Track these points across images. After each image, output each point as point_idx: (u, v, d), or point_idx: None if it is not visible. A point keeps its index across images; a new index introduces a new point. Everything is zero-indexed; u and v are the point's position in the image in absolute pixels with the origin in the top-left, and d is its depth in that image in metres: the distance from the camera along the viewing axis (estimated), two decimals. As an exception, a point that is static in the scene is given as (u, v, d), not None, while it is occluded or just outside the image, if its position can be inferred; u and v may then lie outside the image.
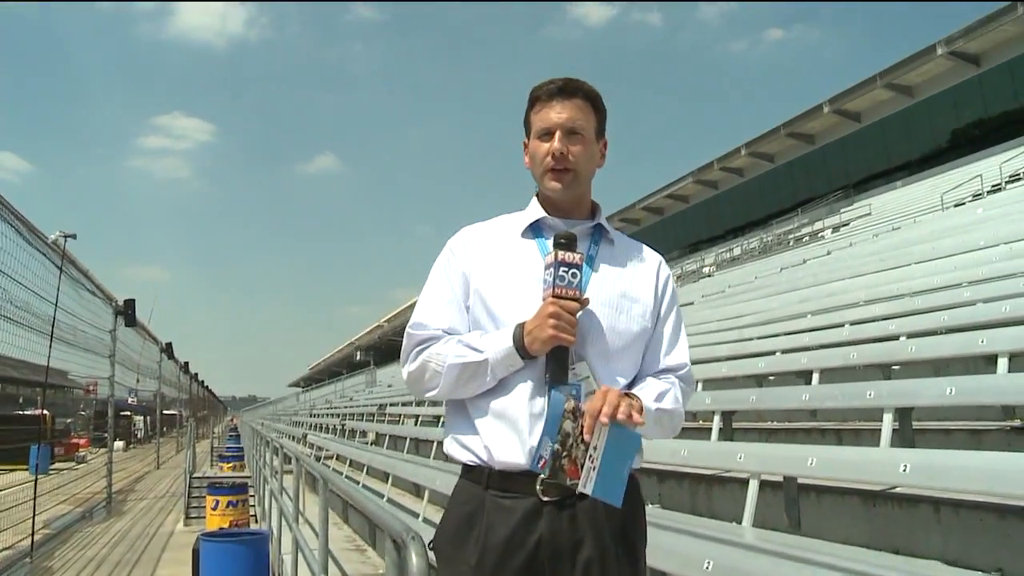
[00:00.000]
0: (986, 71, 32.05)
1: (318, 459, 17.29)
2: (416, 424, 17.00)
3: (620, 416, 1.78)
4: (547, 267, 1.92)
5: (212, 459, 24.41)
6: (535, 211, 2.11)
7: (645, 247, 2.19)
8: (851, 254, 18.51)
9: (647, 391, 2.00)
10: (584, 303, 1.90)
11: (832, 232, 29.76)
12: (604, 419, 1.78)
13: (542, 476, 1.86)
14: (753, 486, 4.45)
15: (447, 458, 2.10)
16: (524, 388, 1.93)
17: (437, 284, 2.11)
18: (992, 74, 31.90)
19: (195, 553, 7.31)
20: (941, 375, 7.13)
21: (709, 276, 31.28)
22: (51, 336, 9.77)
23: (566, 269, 1.89)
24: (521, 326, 1.91)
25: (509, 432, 1.93)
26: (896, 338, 7.43)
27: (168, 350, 28.46)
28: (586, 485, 1.80)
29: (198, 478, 14.63)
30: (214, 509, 10.18)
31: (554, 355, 1.90)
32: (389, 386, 35.64)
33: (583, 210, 2.12)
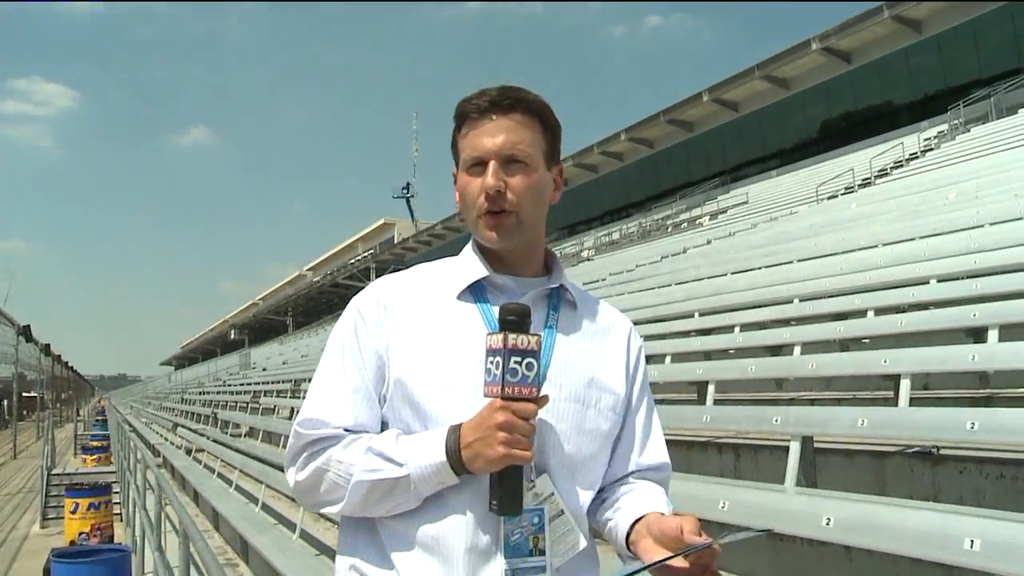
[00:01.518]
0: (856, 68, 33.31)
1: (189, 452, 16.54)
2: (292, 417, 16.36)
3: None
4: (491, 353, 1.39)
5: (75, 448, 23.03)
6: (474, 268, 1.57)
7: (611, 308, 1.70)
8: (732, 245, 18.77)
9: (648, 506, 1.51)
10: (543, 403, 1.40)
11: (710, 219, 30.35)
12: None
13: None
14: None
15: None
16: (462, 515, 1.43)
17: (339, 365, 1.53)
18: (862, 71, 33.18)
19: (46, 574, 6.74)
20: (832, 387, 7.14)
21: (589, 260, 31.46)
22: None
23: (519, 359, 1.36)
24: (456, 432, 1.40)
25: (440, 572, 1.42)
26: (791, 347, 7.39)
27: (27, 333, 26.82)
28: None
29: (57, 475, 13.70)
30: (73, 512, 9.53)
31: (504, 475, 1.39)
32: (264, 370, 34.57)
33: (535, 263, 1.61)
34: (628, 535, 1.48)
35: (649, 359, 8.46)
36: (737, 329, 9.07)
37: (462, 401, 1.43)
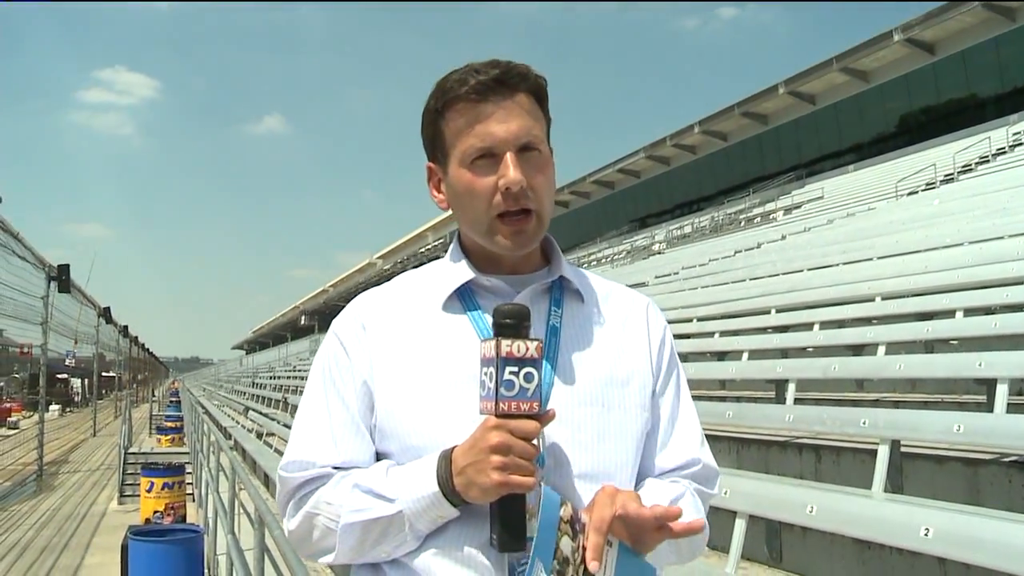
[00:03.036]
0: (940, 59, 32.25)
1: (259, 436, 16.81)
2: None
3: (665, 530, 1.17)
4: (484, 363, 1.19)
5: (150, 428, 23.77)
6: (460, 270, 1.37)
7: (624, 289, 1.49)
8: (808, 241, 18.37)
9: (652, 498, 1.28)
10: (547, 420, 1.20)
11: (784, 214, 29.80)
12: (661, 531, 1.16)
13: None
14: (740, 527, 4.07)
15: None
16: (459, 550, 1.24)
17: (321, 398, 1.35)
18: (946, 62, 32.12)
19: (124, 550, 6.92)
20: (917, 389, 6.89)
21: (660, 253, 31.16)
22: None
23: (515, 369, 1.16)
24: (448, 457, 1.21)
25: None
26: (874, 347, 7.15)
27: (106, 314, 27.61)
28: None
29: (133, 454, 14.11)
30: (148, 491, 9.78)
31: (503, 506, 1.19)
32: (333, 356, 35.04)
33: (532, 256, 1.40)
34: None
35: (725, 355, 8.27)
36: (816, 327, 8.83)
37: (456, 426, 1.24)
